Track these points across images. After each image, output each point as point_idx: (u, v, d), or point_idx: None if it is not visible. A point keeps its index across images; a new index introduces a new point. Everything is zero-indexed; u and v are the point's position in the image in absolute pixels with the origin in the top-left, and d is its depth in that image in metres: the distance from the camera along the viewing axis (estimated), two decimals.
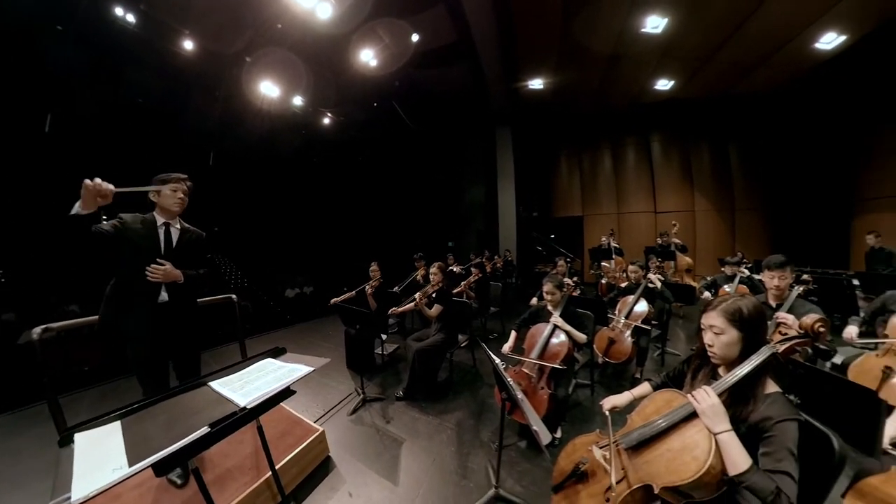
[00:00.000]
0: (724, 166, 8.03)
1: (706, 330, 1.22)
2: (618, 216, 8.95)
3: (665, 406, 1.26)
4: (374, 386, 3.25)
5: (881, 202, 6.10)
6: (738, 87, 6.90)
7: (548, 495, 1.52)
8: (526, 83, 7.21)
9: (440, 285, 3.22)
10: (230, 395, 1.17)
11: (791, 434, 1.02)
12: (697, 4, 4.71)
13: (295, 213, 7.80)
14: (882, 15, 4.73)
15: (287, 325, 5.57)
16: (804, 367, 1.67)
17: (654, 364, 3.62)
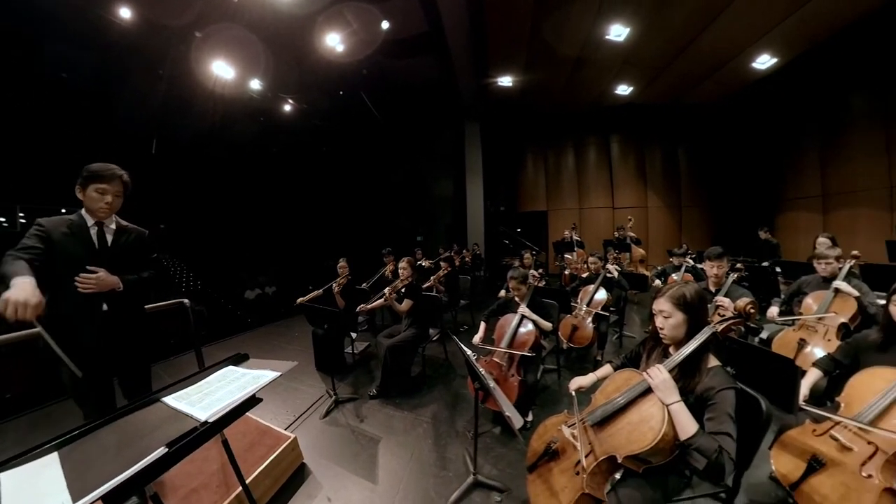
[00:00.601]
0: (674, 167, 8.92)
1: (657, 314, 1.36)
2: (579, 211, 9.47)
3: (624, 384, 1.39)
4: (346, 386, 3.19)
5: (799, 202, 7.17)
6: (688, 97, 7.70)
7: (524, 476, 1.61)
8: (495, 80, 7.30)
9: (410, 280, 3.21)
10: (188, 409, 1.07)
11: (730, 400, 1.19)
12: (656, 18, 5.12)
13: (253, 208, 7.25)
14: (806, 43, 5.55)
15: (248, 328, 5.24)
16: (738, 343, 1.92)
17: (614, 347, 3.92)
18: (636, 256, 6.56)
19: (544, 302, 2.78)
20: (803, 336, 2.50)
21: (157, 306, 2.49)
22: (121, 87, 5.14)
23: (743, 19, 4.99)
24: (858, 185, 6.10)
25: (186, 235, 6.27)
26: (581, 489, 1.27)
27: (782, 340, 2.60)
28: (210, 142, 6.36)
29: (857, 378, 1.58)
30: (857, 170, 6.11)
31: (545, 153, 9.78)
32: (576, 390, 1.60)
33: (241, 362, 1.41)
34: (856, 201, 6.15)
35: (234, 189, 6.98)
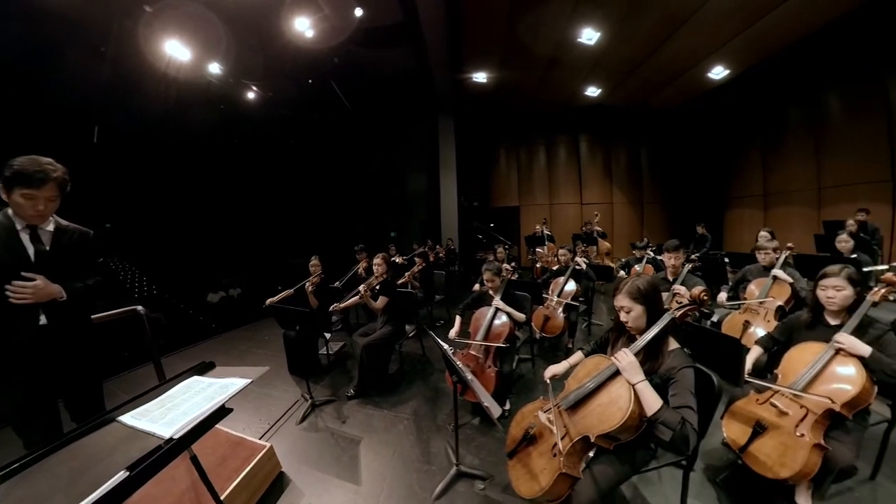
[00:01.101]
0: (637, 166, 9.61)
1: (619, 310, 1.47)
2: (550, 206, 9.83)
3: (594, 369, 1.48)
4: (323, 388, 3.11)
5: (744, 200, 8.00)
6: (651, 101, 8.28)
7: (504, 462, 1.67)
8: (470, 75, 7.31)
9: (385, 276, 3.17)
10: (149, 427, 0.99)
11: (689, 378, 1.31)
12: (624, 26, 5.44)
13: (213, 204, 6.60)
14: (753, 58, 6.15)
15: (213, 334, 4.90)
16: (693, 327, 2.11)
17: (583, 334, 4.13)
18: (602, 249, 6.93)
19: (517, 294, 2.87)
20: (748, 318, 2.81)
21: (107, 315, 2.26)
22: (55, 66, 4.46)
23: (700, 34, 5.45)
24: (793, 185, 6.88)
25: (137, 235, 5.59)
26: (559, 469, 1.34)
27: (730, 323, 2.91)
28: (163, 130, 5.73)
29: (791, 353, 1.79)
30: (791, 172, 6.89)
31: (518, 150, 10.01)
32: (550, 378, 1.68)
33: (206, 371, 1.33)
34: (790, 200, 6.94)
35: (191, 183, 6.32)
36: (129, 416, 1.06)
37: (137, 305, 2.50)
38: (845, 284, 1.72)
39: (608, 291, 5.87)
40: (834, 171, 6.14)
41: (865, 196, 5.56)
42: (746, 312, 2.86)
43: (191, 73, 5.30)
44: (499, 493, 1.88)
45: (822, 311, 1.82)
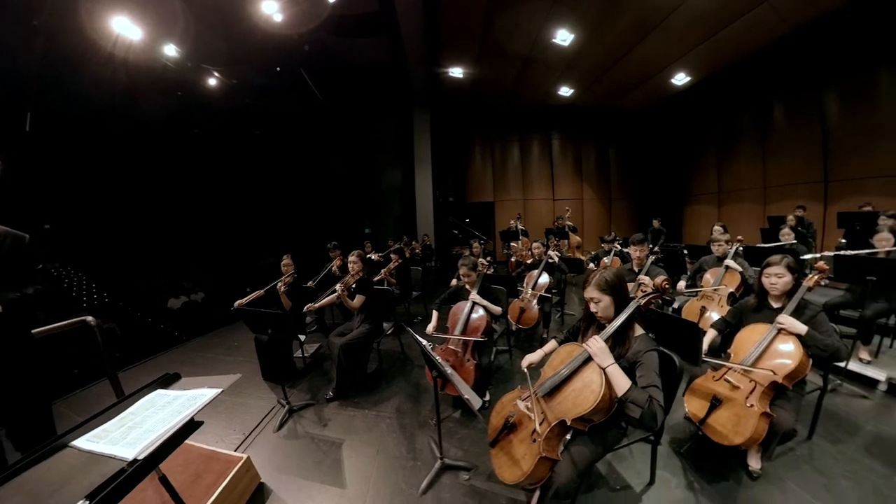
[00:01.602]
0: (605, 164, 10.14)
1: (589, 301, 1.56)
2: (523, 202, 10.09)
3: (568, 356, 1.56)
4: (300, 393, 3.02)
5: (701, 196, 8.75)
6: (619, 103, 8.75)
7: (487, 451, 1.72)
8: (447, 70, 7.25)
9: (361, 274, 3.12)
10: (109, 449, 0.91)
11: (654, 360, 1.42)
12: (597, 30, 5.68)
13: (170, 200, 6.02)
14: (711, 67, 6.74)
15: (177, 343, 4.56)
16: (657, 314, 2.27)
17: (557, 324, 4.30)
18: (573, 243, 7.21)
19: (493, 288, 2.92)
20: (704, 304, 3.07)
21: (51, 329, 2.05)
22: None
23: (666, 41, 5.83)
24: (743, 184, 7.60)
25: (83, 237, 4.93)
26: (539, 454, 1.41)
27: (689, 309, 3.17)
28: (110, 118, 5.08)
29: (741, 334, 1.99)
30: (742, 172, 7.60)
31: (492, 146, 10.15)
32: (527, 367, 1.75)
33: (171, 384, 1.25)
34: (741, 197, 7.67)
35: (144, 177, 5.67)
36: (85, 440, 0.97)
37: (87, 316, 2.30)
38: (785, 272, 1.93)
39: (579, 283, 6.11)
40: (777, 172, 6.84)
41: (803, 194, 6.22)
42: (703, 299, 3.12)
43: (143, 54, 4.77)
44: (483, 481, 1.93)
45: (767, 296, 2.02)
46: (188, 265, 6.13)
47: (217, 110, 6.33)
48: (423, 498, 1.85)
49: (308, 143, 8.44)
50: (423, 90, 8.14)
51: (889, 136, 5.14)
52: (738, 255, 3.23)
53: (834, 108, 5.89)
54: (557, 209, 9.53)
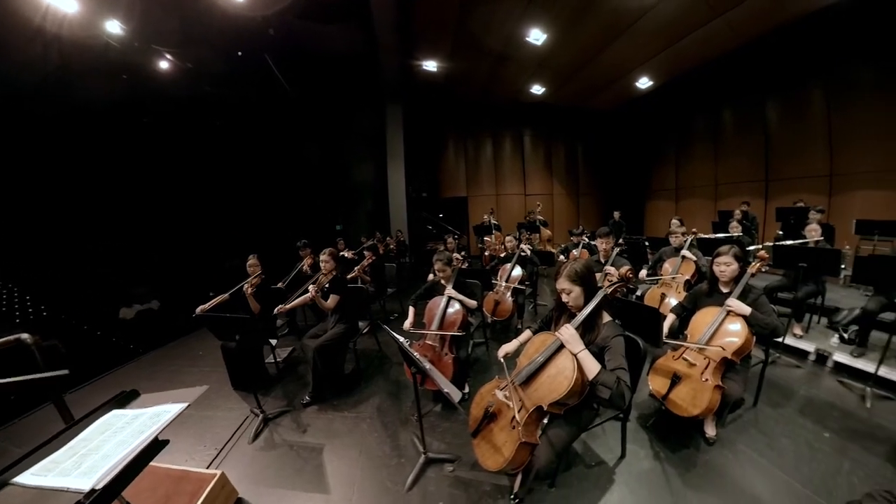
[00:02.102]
0: (574, 161, 10.61)
1: (560, 292, 1.64)
2: (496, 197, 10.28)
3: (541, 345, 1.63)
4: (274, 400, 2.90)
5: (661, 192, 9.46)
6: (588, 103, 9.11)
7: (469, 442, 1.78)
8: (420, 63, 7.08)
9: (334, 273, 3.04)
10: (61, 482, 0.82)
11: (621, 344, 1.52)
12: (569, 32, 5.84)
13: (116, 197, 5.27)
14: (671, 73, 7.18)
15: (133, 357, 4.14)
16: (622, 301, 2.43)
17: (531, 315, 4.45)
18: (544, 236, 7.46)
19: (468, 282, 2.96)
20: (664, 291, 3.32)
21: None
22: None
23: (633, 46, 6.15)
24: (697, 181, 8.35)
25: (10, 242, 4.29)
26: (519, 440, 1.47)
27: (650, 296, 3.42)
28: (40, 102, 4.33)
29: (696, 316, 2.20)
30: (696, 171, 8.33)
31: (465, 141, 10.19)
32: (504, 357, 1.81)
33: (129, 402, 1.16)
34: (695, 193, 8.43)
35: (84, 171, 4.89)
36: (30, 475, 0.86)
37: (21, 333, 2.04)
38: (733, 261, 2.15)
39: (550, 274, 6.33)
40: (726, 171, 7.61)
41: (747, 192, 6.88)
42: (662, 286, 3.38)
43: (80, 30, 4.14)
44: (467, 471, 1.99)
45: (717, 282, 2.24)
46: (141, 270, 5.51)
47: (170, 97, 5.65)
48: (410, 494, 1.87)
49: (274, 135, 7.87)
50: (396, 82, 7.91)
51: (817, 142, 5.92)
52: (692, 245, 3.52)
53: (774, 116, 6.63)
54: (529, 204, 9.82)
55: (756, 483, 1.85)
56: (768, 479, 1.88)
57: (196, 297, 3.22)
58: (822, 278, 3.41)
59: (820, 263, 3.07)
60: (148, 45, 4.92)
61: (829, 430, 2.26)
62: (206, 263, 5.95)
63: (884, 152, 5.15)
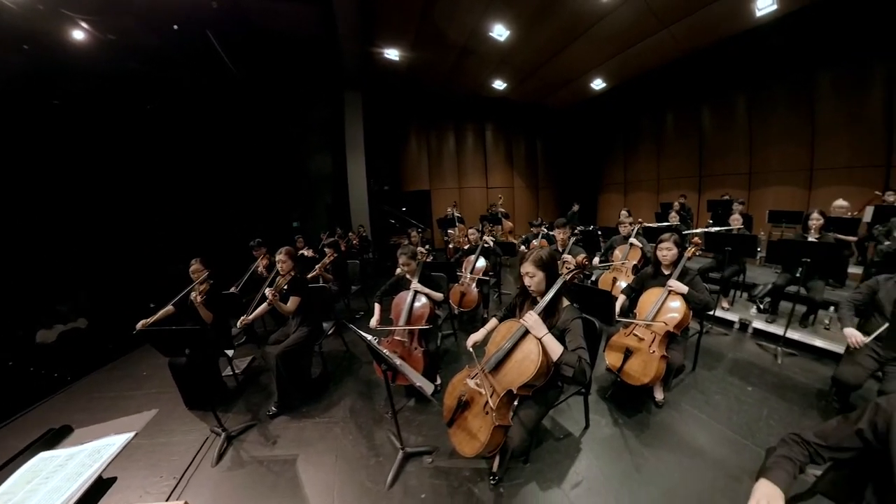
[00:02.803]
0: (534, 155, 11.14)
1: (524, 275, 1.75)
2: (459, 190, 10.40)
3: (507, 332, 1.73)
4: (237, 415, 2.70)
5: (612, 186, 10.41)
6: (547, 100, 9.55)
7: (445, 432, 1.83)
8: (382, 50, 6.81)
9: (292, 273, 2.88)
10: None
11: (579, 326, 1.66)
12: (530, 30, 6.04)
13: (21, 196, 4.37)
14: (622, 76, 7.79)
15: (59, 387, 3.46)
16: (579, 286, 2.62)
17: (496, 304, 4.60)
18: (506, 228, 7.71)
19: (433, 275, 2.98)
20: (615, 275, 3.66)
21: None
22: None
23: (589, 49, 6.62)
24: (642, 176, 9.39)
25: None
26: (493, 424, 1.55)
27: (603, 280, 3.76)
28: None
29: (643, 296, 2.46)
30: (642, 167, 9.35)
31: (428, 133, 10.12)
32: (472, 346, 1.88)
33: (60, 440, 1.03)
34: (641, 187, 9.47)
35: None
36: None
37: None
38: (673, 246, 2.44)
39: (513, 264, 6.61)
40: (667, 167, 8.64)
41: (685, 186, 7.97)
42: (614, 271, 3.73)
43: None
44: (446, 460, 2.05)
45: (660, 266, 2.53)
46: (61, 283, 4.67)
47: (87, 74, 4.75)
48: (392, 491, 1.88)
49: (218, 122, 6.99)
50: (356, 69, 7.50)
51: (740, 144, 7.00)
52: (639, 234, 3.93)
53: (707, 120, 7.65)
54: (491, 197, 10.12)
55: (698, 435, 2.17)
56: (707, 430, 2.21)
57: (135, 311, 2.89)
58: (743, 259, 4.00)
59: (741, 247, 3.64)
60: (56, 10, 4.06)
61: (752, 385, 2.68)
62: (143, 271, 5.26)
63: (790, 155, 6.24)
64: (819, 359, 3.02)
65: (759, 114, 6.65)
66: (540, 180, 11.29)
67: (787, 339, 3.15)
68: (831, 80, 5.70)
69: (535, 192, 11.31)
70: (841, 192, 5.15)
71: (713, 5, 5.10)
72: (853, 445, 0.94)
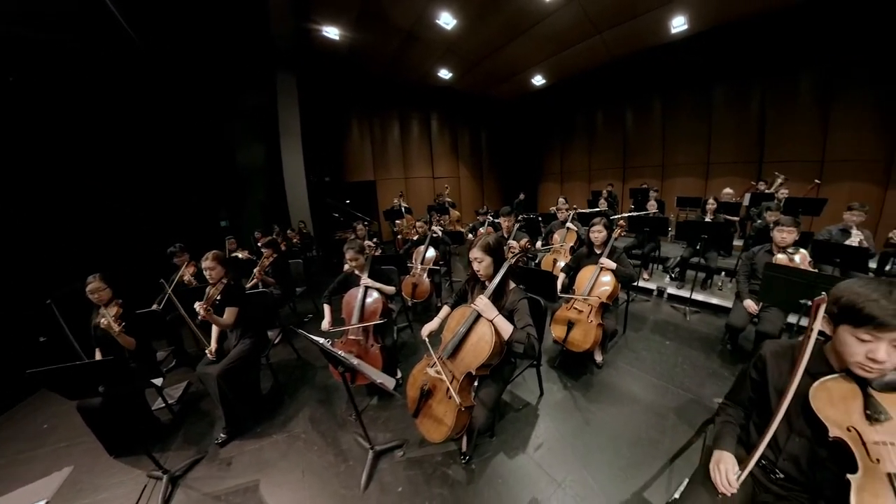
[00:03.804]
0: (478, 146, 11.54)
1: (473, 261, 1.85)
2: (405, 180, 10.23)
3: (461, 317, 1.82)
4: (178, 452, 2.34)
5: (550, 176, 11.37)
6: (491, 92, 9.80)
7: (412, 423, 1.89)
8: (320, 28, 6.17)
9: (225, 281, 2.59)
10: None
11: (526, 305, 1.81)
12: (476, 22, 6.11)
13: None
14: (558, 75, 8.40)
15: None
16: (523, 269, 2.83)
17: (448, 292, 4.70)
18: (453, 217, 7.86)
19: (383, 269, 2.91)
20: (555, 257, 4.04)
21: None
22: None
23: (530, 46, 6.98)
24: (575, 167, 10.43)
25: None
26: (457, 407, 1.64)
27: (545, 261, 4.13)
28: None
29: (580, 274, 2.78)
30: (575, 159, 10.43)
31: (371, 121, 9.67)
32: (428, 336, 1.94)
33: None
34: (574, 177, 10.47)
35: None
36: None
37: None
38: (603, 229, 2.80)
39: (462, 253, 6.81)
40: (598, 160, 9.84)
41: (611, 176, 9.24)
42: (554, 253, 4.10)
43: None
44: (417, 450, 2.11)
45: (593, 246, 2.88)
46: None
47: None
48: (368, 492, 1.87)
49: (120, 103, 5.57)
50: (290, 47, 6.76)
51: (655, 141, 8.35)
52: (574, 219, 4.37)
53: (630, 119, 8.86)
54: (437, 187, 10.23)
55: (632, 386, 2.60)
56: (638, 381, 2.65)
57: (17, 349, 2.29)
58: (658, 238, 4.82)
59: (656, 228, 4.43)
60: None
61: (669, 339, 3.25)
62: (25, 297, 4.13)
63: (692, 151, 7.71)
64: (716, 313, 3.77)
65: (671, 116, 8.05)
66: (485, 170, 11.70)
67: (693, 300, 3.92)
68: (723, 93, 7.11)
69: (480, 182, 11.71)
70: (728, 182, 6.56)
71: (639, 18, 5.86)
72: (750, 391, 1.20)
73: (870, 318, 0.85)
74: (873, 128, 5.38)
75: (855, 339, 0.89)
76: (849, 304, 0.90)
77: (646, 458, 1.96)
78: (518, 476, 1.90)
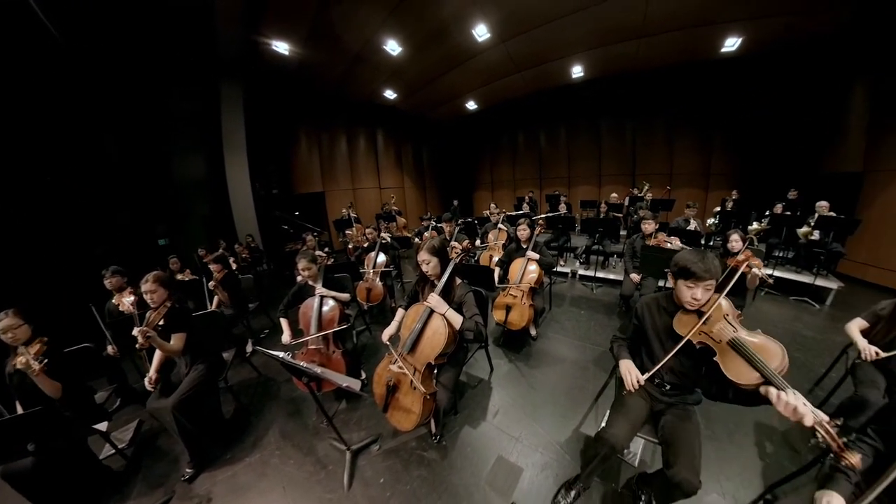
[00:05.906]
0: (420, 159, 11.77)
1: (421, 263, 1.89)
2: (353, 191, 9.80)
3: (416, 315, 1.85)
4: (140, 498, 1.93)
5: (483, 185, 12.11)
6: (432, 113, 9.99)
7: (383, 418, 1.86)
8: (270, 41, 5.51)
9: (168, 304, 2.18)
10: None
11: (472, 297, 1.90)
12: (417, 54, 6.23)
13: None
14: (490, 102, 9.00)
15: None
16: (466, 266, 2.95)
17: (400, 293, 4.69)
18: (400, 224, 7.78)
19: (337, 277, 2.76)
20: (491, 253, 4.28)
21: None
22: None
23: (464, 77, 7.41)
24: (503, 178, 11.34)
25: None
26: (422, 395, 1.67)
27: (482, 258, 4.35)
28: None
29: (512, 266, 3.01)
30: (502, 171, 11.26)
31: (319, 135, 8.99)
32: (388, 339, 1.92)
33: None
34: (502, 186, 11.37)
35: None
36: None
37: None
38: (527, 228, 3.08)
39: (410, 255, 6.80)
40: (520, 172, 10.87)
41: (531, 185, 10.28)
42: (489, 250, 4.33)
43: None
44: (392, 441, 2.07)
45: (520, 242, 3.14)
46: None
47: None
48: (352, 490, 1.79)
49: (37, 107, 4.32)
50: (236, 57, 5.93)
51: (562, 159, 9.79)
52: (504, 221, 4.72)
53: (543, 140, 10.08)
54: (384, 196, 10.10)
55: (561, 350, 2.96)
56: (565, 345, 3.01)
57: None
58: (569, 232, 5.55)
59: (567, 225, 5.22)
60: None
61: (583, 310, 3.75)
62: None
63: (588, 167, 9.33)
64: (613, 286, 4.43)
65: (573, 139, 9.52)
66: (426, 181, 11.96)
67: (596, 277, 4.54)
68: (608, 124, 8.82)
69: (423, 192, 11.93)
70: (614, 189, 8.01)
71: (549, 63, 6.76)
72: (632, 332, 1.57)
73: (692, 273, 1.25)
74: (698, 152, 7.67)
75: (685, 287, 1.30)
76: (682, 265, 1.29)
77: (578, 402, 2.27)
78: (483, 441, 2.02)
